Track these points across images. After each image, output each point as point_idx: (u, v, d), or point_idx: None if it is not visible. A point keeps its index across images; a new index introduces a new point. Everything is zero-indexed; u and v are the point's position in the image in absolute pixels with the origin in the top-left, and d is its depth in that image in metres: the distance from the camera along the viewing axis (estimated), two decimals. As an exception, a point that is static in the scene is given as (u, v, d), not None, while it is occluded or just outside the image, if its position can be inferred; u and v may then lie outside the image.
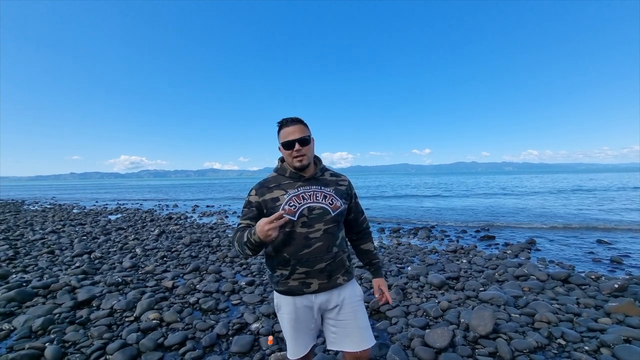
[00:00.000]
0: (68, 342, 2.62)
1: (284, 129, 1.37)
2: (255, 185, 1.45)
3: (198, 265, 4.79)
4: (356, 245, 1.65)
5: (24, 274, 4.44)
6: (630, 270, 4.73)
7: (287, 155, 1.38)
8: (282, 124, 1.39)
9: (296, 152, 1.35)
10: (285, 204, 1.34)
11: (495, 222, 8.61)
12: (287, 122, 1.38)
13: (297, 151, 1.34)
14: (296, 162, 1.36)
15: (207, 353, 2.49)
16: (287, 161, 1.42)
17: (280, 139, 1.39)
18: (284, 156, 1.43)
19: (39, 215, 12.47)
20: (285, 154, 1.39)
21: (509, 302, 3.30)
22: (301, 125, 1.37)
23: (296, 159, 1.36)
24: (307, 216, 1.35)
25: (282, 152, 1.42)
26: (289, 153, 1.37)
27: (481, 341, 2.54)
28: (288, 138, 1.35)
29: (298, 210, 1.34)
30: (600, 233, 7.80)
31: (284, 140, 1.36)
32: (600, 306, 3.20)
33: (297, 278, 1.37)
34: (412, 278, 4.22)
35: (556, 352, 2.41)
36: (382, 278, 1.63)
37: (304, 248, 1.34)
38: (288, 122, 1.37)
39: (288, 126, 1.36)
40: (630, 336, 2.49)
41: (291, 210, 1.33)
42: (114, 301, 3.37)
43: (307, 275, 1.37)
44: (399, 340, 2.59)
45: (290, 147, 1.35)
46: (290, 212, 1.32)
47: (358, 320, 1.43)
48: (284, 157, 1.43)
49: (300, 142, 1.34)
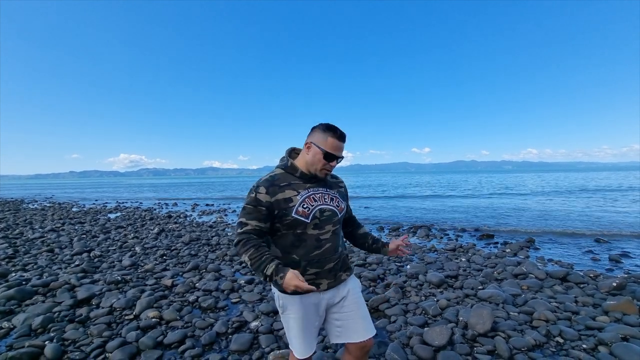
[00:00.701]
0: (68, 340, 2.62)
1: (334, 139, 1.33)
2: (263, 182, 1.34)
3: (197, 264, 4.79)
4: (354, 233, 1.70)
5: (23, 273, 4.44)
6: (629, 269, 4.74)
7: (320, 162, 1.35)
8: (333, 130, 1.34)
9: (329, 166, 1.37)
10: (299, 205, 1.32)
11: (500, 227, 8.52)
12: (340, 134, 1.35)
13: (331, 166, 1.37)
14: (322, 173, 1.38)
15: (206, 351, 2.50)
16: (313, 165, 1.37)
17: (323, 144, 1.33)
18: (310, 158, 1.36)
19: (38, 214, 12.45)
20: (319, 160, 1.34)
21: (507, 300, 3.31)
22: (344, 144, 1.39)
23: (324, 171, 1.38)
24: (319, 218, 1.35)
25: (315, 154, 1.35)
26: (324, 163, 1.35)
27: (480, 339, 2.55)
28: (335, 152, 1.33)
29: (312, 212, 1.33)
30: (600, 231, 7.82)
31: (330, 151, 1.32)
32: (598, 304, 3.21)
33: (306, 279, 1.35)
34: (411, 276, 4.23)
35: (554, 350, 2.42)
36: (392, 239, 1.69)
37: (315, 249, 1.34)
38: (340, 136, 1.35)
39: (339, 140, 1.34)
40: (628, 334, 2.51)
41: (305, 212, 1.32)
42: (114, 299, 3.37)
43: (317, 276, 1.37)
44: (397, 338, 2.60)
45: (331, 159, 1.35)
46: (304, 214, 1.31)
47: (361, 310, 1.46)
48: (310, 160, 1.36)
49: (338, 160, 1.38)
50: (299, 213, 1.30)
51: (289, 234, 1.35)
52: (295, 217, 1.30)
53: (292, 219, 1.31)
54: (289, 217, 1.30)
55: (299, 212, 1.30)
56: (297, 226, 1.32)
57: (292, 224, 1.32)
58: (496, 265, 4.74)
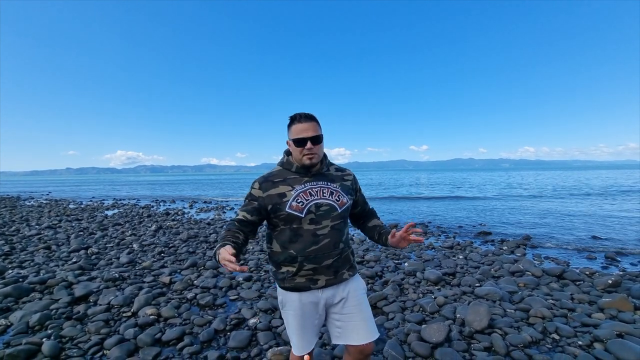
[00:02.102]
0: (65, 337, 2.62)
1: (297, 124, 1.32)
2: (259, 178, 1.40)
3: (195, 261, 4.79)
4: (365, 224, 1.60)
5: (20, 270, 4.42)
6: (624, 267, 4.79)
7: (297, 152, 1.34)
8: (294, 118, 1.33)
9: (307, 151, 1.31)
10: (293, 200, 1.32)
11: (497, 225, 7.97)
12: (300, 117, 1.32)
13: (308, 149, 1.31)
14: (306, 160, 1.34)
15: (204, 348, 2.50)
16: (295, 158, 1.37)
17: (291, 134, 1.34)
18: (292, 152, 1.38)
19: (34, 211, 12.39)
20: (295, 150, 1.34)
21: (504, 297, 3.34)
22: (314, 122, 1.33)
23: (306, 157, 1.33)
24: (314, 213, 1.33)
25: (292, 148, 1.37)
26: (300, 150, 1.32)
27: (477, 336, 2.57)
28: (300, 135, 1.30)
29: (306, 207, 1.32)
30: (596, 229, 7.88)
31: (295, 136, 1.31)
32: (594, 302, 3.24)
33: (304, 275, 1.36)
34: (409, 274, 4.25)
35: (550, 347, 2.44)
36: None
37: (312, 245, 1.33)
38: (301, 118, 1.32)
39: (301, 122, 1.31)
40: (623, 331, 2.53)
41: (299, 206, 1.32)
42: (111, 297, 3.37)
43: (314, 272, 1.36)
44: (395, 335, 2.62)
45: (302, 144, 1.31)
46: (298, 209, 1.31)
47: (363, 312, 1.43)
48: (293, 153, 1.38)
49: (312, 141, 1.30)
50: (293, 208, 1.31)
51: (286, 229, 1.35)
52: (289, 211, 1.31)
53: (286, 214, 1.32)
54: (283, 212, 1.32)
55: (292, 206, 1.31)
56: (292, 221, 1.33)
57: (287, 218, 1.33)
58: (493, 263, 4.77)
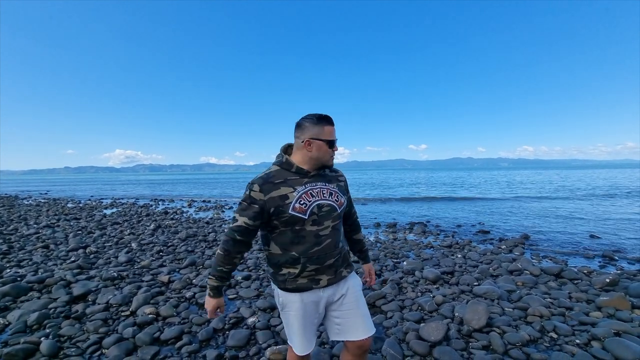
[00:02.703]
0: (64, 336, 2.61)
1: (328, 126, 1.36)
2: (258, 179, 1.34)
3: (194, 260, 4.79)
4: (349, 236, 1.71)
5: (18, 269, 4.41)
6: (622, 266, 4.81)
7: (327, 152, 1.38)
8: (325, 119, 1.37)
9: (333, 152, 1.40)
10: (296, 201, 1.31)
11: (496, 224, 8.03)
12: (329, 120, 1.38)
13: (335, 151, 1.40)
14: (331, 161, 1.42)
15: (203, 347, 2.50)
16: (323, 159, 1.38)
17: (323, 134, 1.35)
18: (318, 152, 1.36)
19: (33, 210, 12.35)
20: (326, 151, 1.37)
21: (502, 296, 3.35)
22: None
23: (332, 159, 1.42)
24: (317, 214, 1.33)
25: (319, 147, 1.35)
26: (330, 151, 1.39)
27: (475, 335, 2.57)
28: (333, 137, 1.38)
29: (309, 208, 1.32)
30: (594, 228, 7.91)
31: (329, 138, 1.36)
32: (591, 300, 3.26)
33: (306, 276, 1.36)
34: (408, 273, 4.26)
35: (548, 345, 2.45)
36: (370, 263, 1.77)
37: (315, 246, 1.33)
38: (330, 121, 1.38)
39: (331, 125, 1.38)
40: (620, 329, 2.54)
41: (302, 208, 1.31)
42: (110, 296, 3.36)
43: (317, 272, 1.37)
44: (394, 334, 2.62)
45: (333, 146, 1.38)
46: (302, 211, 1.31)
47: (360, 308, 1.45)
48: (318, 153, 1.37)
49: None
50: (296, 210, 1.29)
51: (287, 231, 1.33)
52: (293, 213, 1.29)
53: (289, 216, 1.29)
54: (286, 214, 1.29)
55: (295, 208, 1.29)
56: (295, 223, 1.31)
57: (289, 220, 1.31)
58: (492, 262, 4.79)
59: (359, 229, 1.72)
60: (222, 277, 1.39)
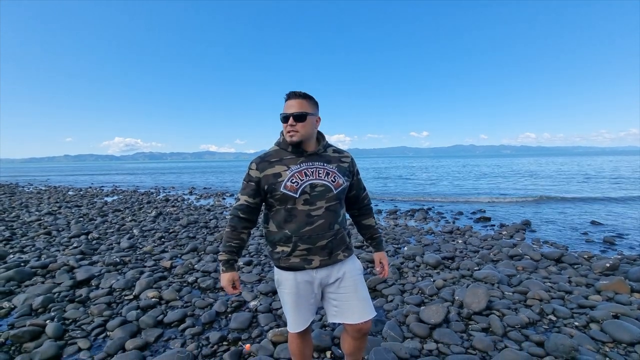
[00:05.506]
0: (68, 319, 2.66)
1: (288, 101, 1.36)
2: (256, 158, 1.41)
3: (196, 246, 4.82)
4: (358, 220, 1.65)
5: (21, 254, 4.45)
6: (622, 250, 4.83)
7: (284, 128, 1.37)
8: (287, 95, 1.37)
9: (289, 127, 1.33)
10: (288, 180, 1.32)
11: (497, 210, 7.99)
12: (291, 95, 1.36)
13: (291, 126, 1.33)
14: (287, 137, 1.36)
15: (206, 329, 2.53)
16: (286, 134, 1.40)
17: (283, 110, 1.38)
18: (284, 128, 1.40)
19: (34, 197, 12.38)
20: (284, 127, 1.37)
21: (502, 280, 3.37)
22: (302, 100, 1.34)
23: (288, 134, 1.35)
24: (309, 193, 1.33)
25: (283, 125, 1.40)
26: (285, 126, 1.36)
27: (475, 317, 2.60)
28: (287, 111, 1.34)
29: (300, 187, 1.32)
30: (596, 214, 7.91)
31: (282, 112, 1.36)
32: (591, 284, 3.28)
33: (298, 255, 1.37)
34: (408, 258, 4.28)
35: (547, 327, 2.48)
36: (383, 252, 1.65)
37: (306, 225, 1.33)
38: (291, 96, 1.36)
39: (290, 99, 1.35)
40: (619, 312, 2.56)
41: (293, 187, 1.32)
42: (113, 280, 3.39)
43: (308, 252, 1.37)
44: (394, 316, 2.65)
45: (285, 120, 1.34)
46: (292, 189, 1.32)
47: (359, 292, 1.44)
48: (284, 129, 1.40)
49: (295, 118, 1.32)
50: (287, 188, 1.31)
51: (281, 209, 1.36)
52: (284, 192, 1.32)
53: (281, 194, 1.32)
54: (278, 192, 1.32)
55: (287, 187, 1.31)
56: (287, 201, 1.33)
57: (282, 198, 1.33)
58: (492, 247, 4.81)
59: (369, 214, 1.63)
60: (232, 251, 1.42)
